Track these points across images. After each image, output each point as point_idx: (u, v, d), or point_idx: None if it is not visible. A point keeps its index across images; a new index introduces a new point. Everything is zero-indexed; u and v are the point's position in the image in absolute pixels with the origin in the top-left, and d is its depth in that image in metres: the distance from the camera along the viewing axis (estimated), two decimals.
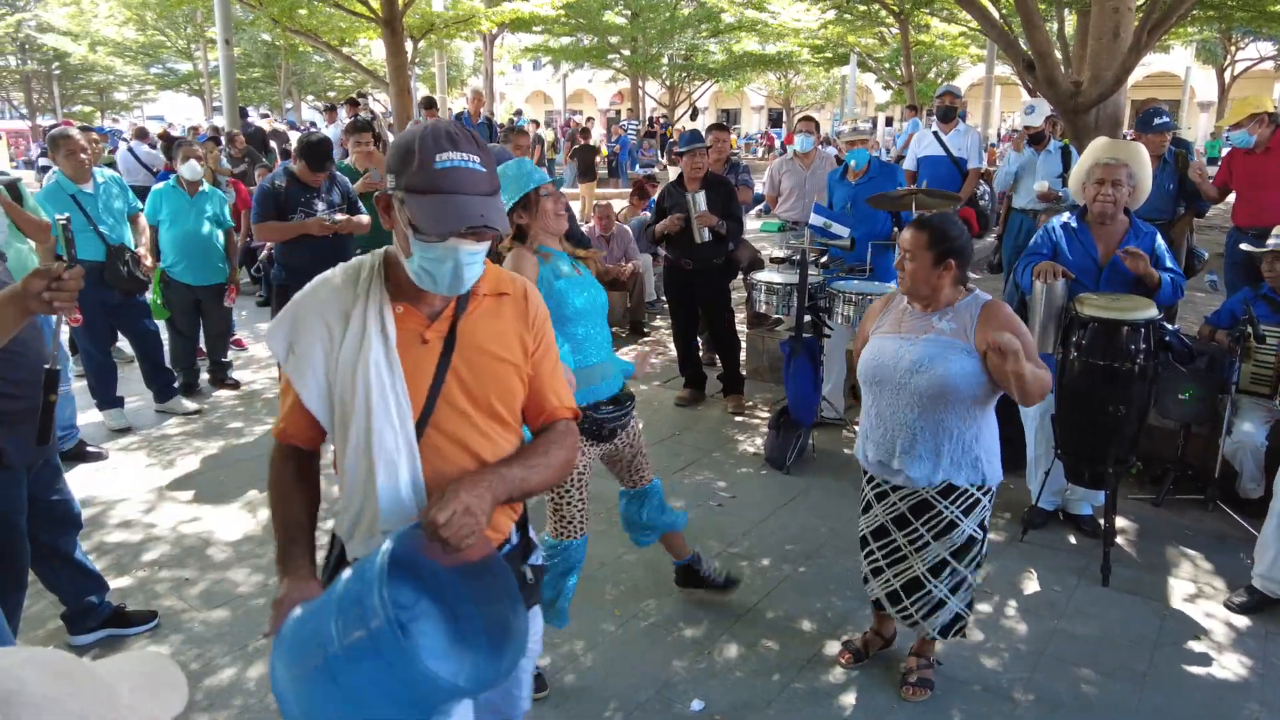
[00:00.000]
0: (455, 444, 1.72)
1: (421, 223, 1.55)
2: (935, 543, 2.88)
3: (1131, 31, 6.48)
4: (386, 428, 1.65)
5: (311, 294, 1.73)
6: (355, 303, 1.68)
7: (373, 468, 1.66)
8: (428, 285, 1.64)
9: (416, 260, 1.61)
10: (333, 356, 1.68)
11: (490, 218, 1.58)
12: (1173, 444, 4.76)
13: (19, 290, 2.15)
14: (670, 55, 28.87)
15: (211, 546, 4.11)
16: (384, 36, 13.23)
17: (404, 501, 1.68)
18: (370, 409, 1.64)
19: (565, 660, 3.28)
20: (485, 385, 1.74)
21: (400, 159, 1.58)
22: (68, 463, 4.96)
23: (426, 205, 1.55)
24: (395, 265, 1.71)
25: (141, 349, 5.72)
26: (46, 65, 35.51)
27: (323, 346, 1.68)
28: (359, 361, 1.65)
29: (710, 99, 43.07)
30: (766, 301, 5.26)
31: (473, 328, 1.73)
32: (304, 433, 1.80)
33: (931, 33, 21.78)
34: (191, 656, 3.28)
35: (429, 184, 1.55)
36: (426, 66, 27.31)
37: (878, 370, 2.86)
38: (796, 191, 6.93)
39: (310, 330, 1.69)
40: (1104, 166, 3.83)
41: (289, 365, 1.71)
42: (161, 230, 5.89)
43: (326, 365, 1.68)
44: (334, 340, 1.68)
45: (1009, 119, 36.59)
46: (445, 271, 1.61)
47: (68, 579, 3.26)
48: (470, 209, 1.56)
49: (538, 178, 3.02)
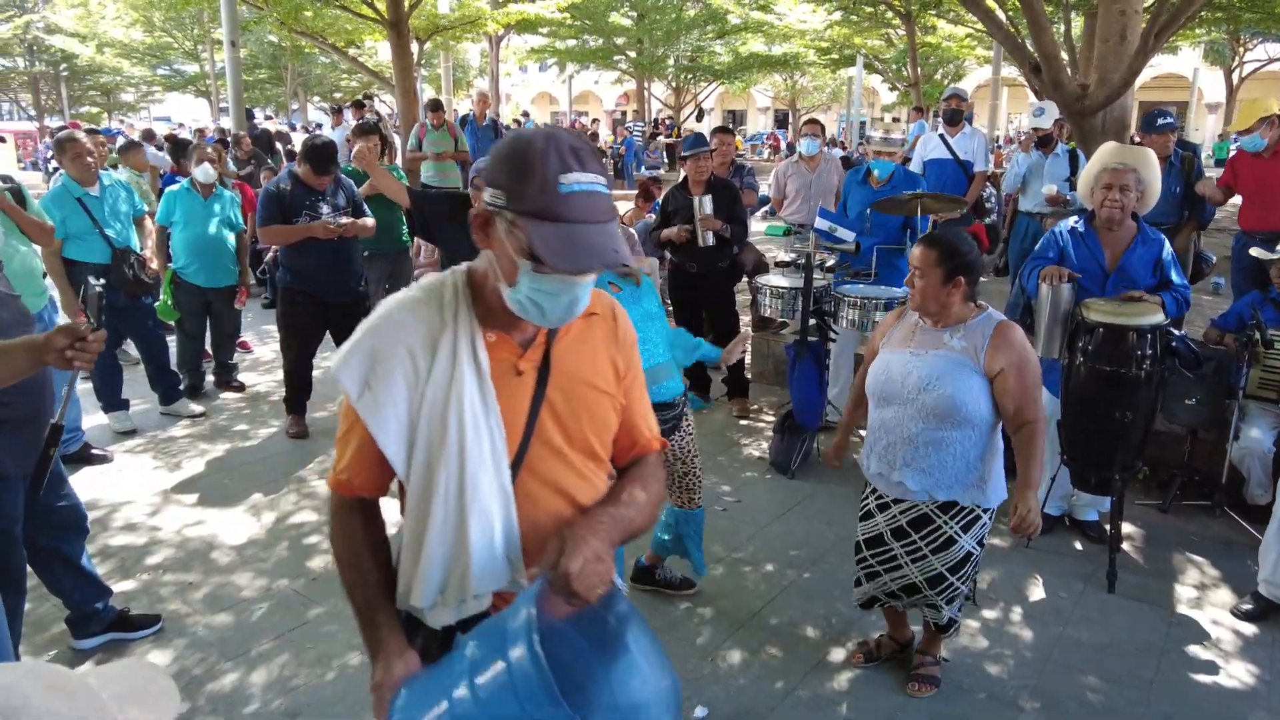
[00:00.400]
0: (550, 488, 1.54)
1: (547, 255, 1.32)
2: (933, 557, 2.87)
3: (1139, 34, 6.45)
4: (482, 473, 1.46)
5: (390, 319, 1.49)
6: (443, 330, 1.47)
7: (466, 521, 1.46)
8: (531, 316, 1.44)
9: (524, 290, 1.40)
10: (417, 391, 1.46)
11: (622, 252, 1.37)
12: (1180, 449, 4.74)
13: (40, 343, 2.25)
14: (676, 56, 28.87)
15: (215, 550, 4.11)
16: (390, 38, 13.25)
17: (498, 558, 1.49)
18: (464, 452, 1.45)
19: None
20: (581, 419, 1.56)
21: (513, 174, 1.35)
22: (73, 465, 4.99)
23: (552, 236, 1.33)
24: (484, 288, 1.50)
25: (147, 351, 5.74)
26: (54, 66, 35.64)
27: (405, 380, 1.46)
28: (450, 398, 1.45)
29: (716, 100, 43.05)
30: (771, 305, 5.25)
31: (565, 354, 1.55)
32: (372, 480, 1.57)
33: (938, 34, 21.73)
34: (195, 661, 3.28)
35: (554, 210, 1.33)
36: (433, 67, 27.35)
37: (886, 385, 2.86)
38: (802, 194, 6.93)
39: (391, 361, 1.46)
40: (1112, 171, 3.81)
41: (363, 401, 1.46)
42: (175, 232, 5.90)
43: (410, 402, 1.46)
44: (419, 373, 1.46)
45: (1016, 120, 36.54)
46: (559, 305, 1.42)
47: (72, 584, 3.26)
48: (603, 243, 1.35)
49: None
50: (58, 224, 5.10)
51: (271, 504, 4.60)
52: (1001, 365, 2.72)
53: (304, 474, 4.97)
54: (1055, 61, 6.52)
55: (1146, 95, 36.57)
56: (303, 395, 5.59)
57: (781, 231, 6.46)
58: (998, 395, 2.74)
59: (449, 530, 1.47)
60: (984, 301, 2.91)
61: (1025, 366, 2.74)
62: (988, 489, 2.83)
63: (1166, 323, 3.73)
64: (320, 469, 5.04)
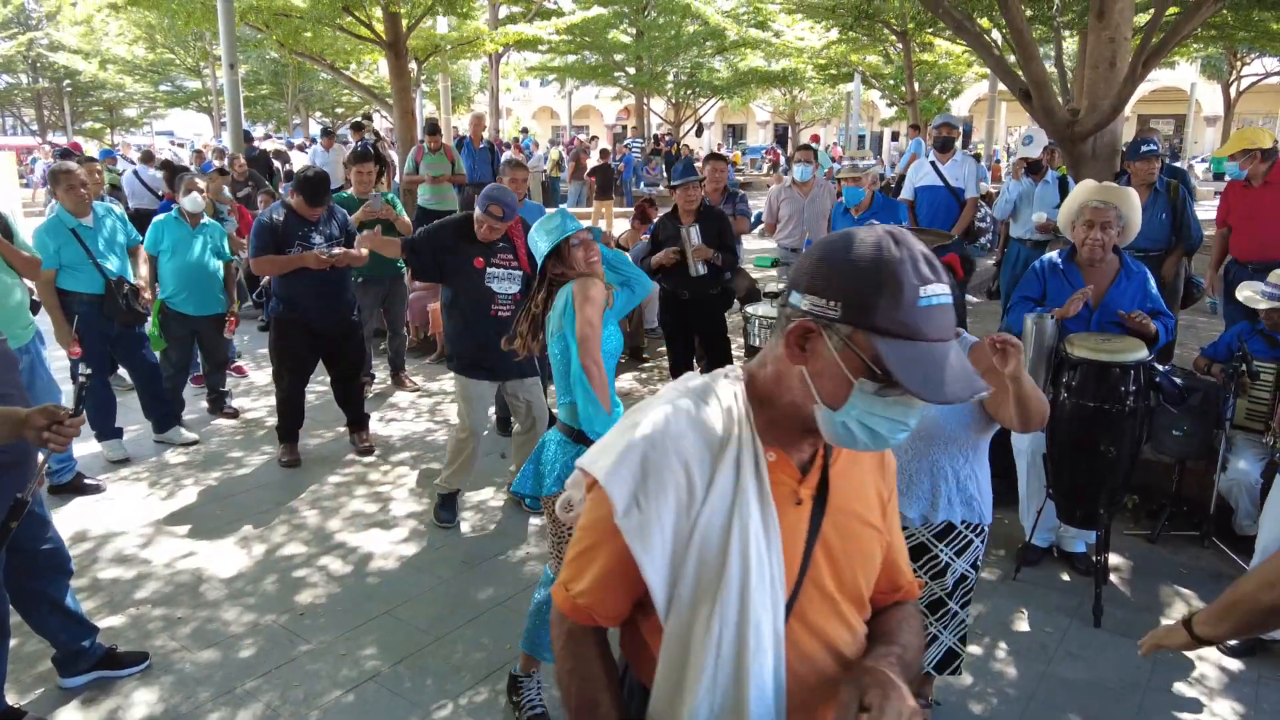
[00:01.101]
0: (818, 639, 1.36)
1: (909, 380, 1.15)
2: (932, 583, 2.89)
3: (1128, 60, 6.49)
4: (764, 618, 1.27)
5: (667, 428, 1.30)
6: (725, 445, 1.29)
7: (744, 674, 1.27)
8: (848, 442, 1.25)
9: (855, 414, 1.22)
10: (690, 514, 1.28)
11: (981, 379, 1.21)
12: (1168, 478, 4.75)
13: (20, 417, 2.33)
14: (675, 72, 28.99)
15: (204, 584, 4.13)
16: (388, 58, 13.34)
17: (770, 709, 1.30)
18: (747, 592, 1.26)
19: (555, 704, 3.27)
20: (853, 558, 1.39)
21: (862, 284, 1.18)
22: (65, 496, 5.01)
23: (913, 357, 1.16)
24: (772, 401, 1.32)
25: (141, 380, 5.76)
26: (57, 83, 35.85)
27: (678, 499, 1.27)
28: (731, 525, 1.26)
29: (716, 114, 43.20)
30: (761, 335, 5.27)
31: (839, 482, 1.38)
32: (615, 609, 1.37)
33: (935, 51, 21.84)
34: (181, 699, 3.29)
35: (915, 327, 1.17)
36: (433, 84, 27.48)
37: None
38: (795, 219, 6.98)
39: (665, 475, 1.27)
40: (1093, 209, 3.83)
41: (628, 520, 1.26)
42: (162, 261, 5.92)
43: (679, 526, 1.28)
44: (694, 492, 1.28)
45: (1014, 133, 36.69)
46: (896, 431, 1.23)
47: (57, 624, 3.27)
48: (966, 365, 1.20)
49: (570, 228, 3.12)
50: (51, 255, 5.13)
51: (261, 536, 4.61)
52: (981, 370, 2.71)
53: (295, 504, 4.99)
54: (1045, 88, 6.57)
55: (1145, 109, 36.70)
56: (295, 424, 5.61)
57: (769, 263, 6.48)
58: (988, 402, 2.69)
59: (723, 683, 1.27)
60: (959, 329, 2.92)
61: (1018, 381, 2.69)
62: (979, 507, 2.84)
63: (1150, 358, 3.75)
64: (311, 499, 5.06)
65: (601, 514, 1.30)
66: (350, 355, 5.70)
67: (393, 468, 5.55)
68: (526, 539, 4.60)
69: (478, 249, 4.55)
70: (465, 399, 4.65)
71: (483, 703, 3.28)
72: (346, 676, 3.42)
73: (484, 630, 3.75)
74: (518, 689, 3.23)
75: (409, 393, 7.06)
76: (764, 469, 1.30)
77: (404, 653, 3.58)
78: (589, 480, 1.35)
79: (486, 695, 3.32)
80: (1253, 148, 5.45)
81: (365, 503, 5.02)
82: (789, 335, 1.25)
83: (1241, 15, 13.21)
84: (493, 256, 4.58)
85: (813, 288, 1.22)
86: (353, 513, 4.89)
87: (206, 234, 6.04)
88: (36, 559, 3.13)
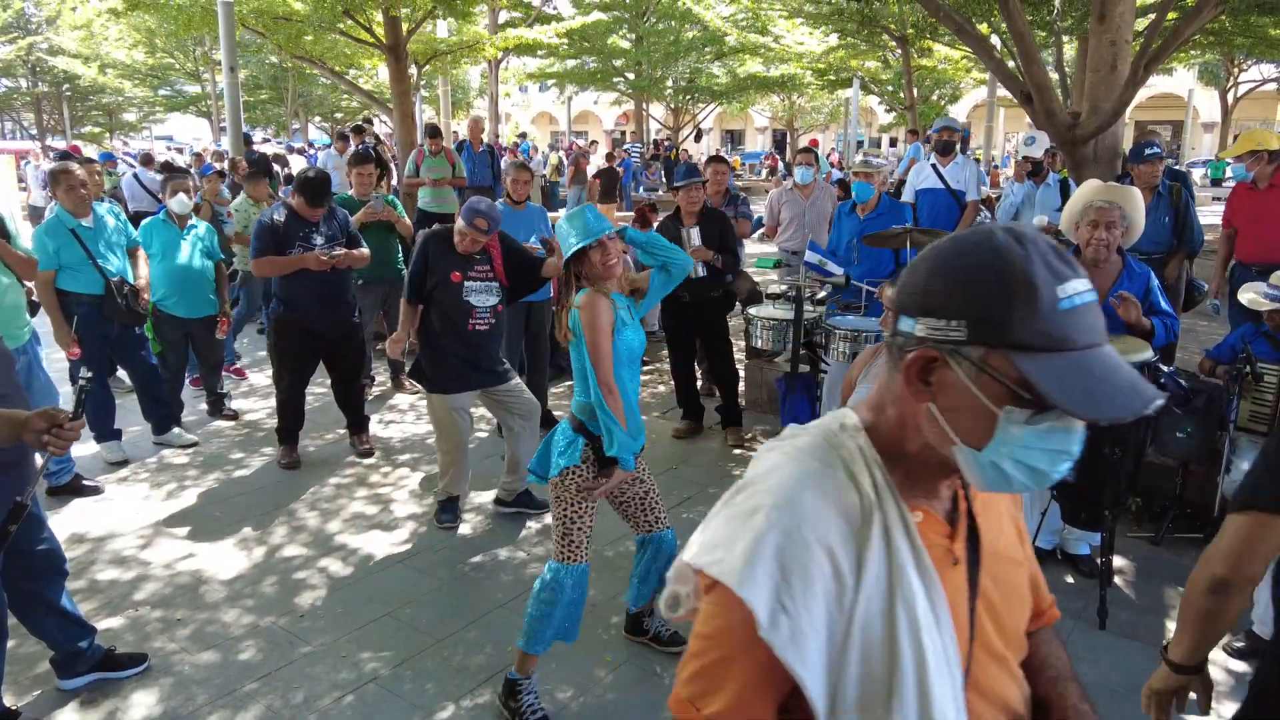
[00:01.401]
0: (996, 706, 1.19)
1: (1069, 399, 0.96)
2: None
3: (1129, 64, 6.50)
4: (947, 704, 1.07)
5: (798, 509, 1.07)
6: (867, 514, 1.08)
7: None
8: (995, 484, 1.05)
9: (1005, 451, 1.02)
10: (843, 604, 1.06)
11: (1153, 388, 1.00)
12: (1172, 480, 4.73)
13: (20, 420, 2.35)
14: (674, 78, 29.03)
15: (204, 585, 4.10)
16: (388, 63, 13.34)
17: None
18: (927, 689, 1.06)
19: (555, 707, 3.25)
20: (1012, 605, 1.22)
21: (985, 295, 1.00)
22: (63, 497, 4.99)
23: (1067, 372, 0.97)
24: (900, 448, 1.13)
25: (140, 381, 5.73)
26: (57, 87, 35.89)
27: (827, 593, 1.05)
28: (895, 608, 1.06)
29: (714, 120, 43.29)
30: (763, 337, 5.26)
31: (983, 523, 1.20)
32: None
33: (934, 57, 21.88)
34: (180, 701, 3.26)
35: (1060, 336, 0.98)
36: (433, 89, 27.50)
37: None
38: (796, 222, 6.98)
39: (808, 568, 1.05)
40: (1098, 209, 3.82)
41: (778, 630, 1.03)
42: (153, 264, 5.87)
43: (830, 622, 1.06)
44: (844, 580, 1.06)
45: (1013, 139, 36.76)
46: (1058, 465, 1.04)
47: (54, 626, 3.25)
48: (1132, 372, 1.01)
49: (598, 229, 3.06)
50: (51, 255, 5.12)
51: (261, 538, 4.59)
52: None
53: (294, 506, 4.96)
54: (1046, 91, 6.57)
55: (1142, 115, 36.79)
56: (295, 426, 5.59)
57: (771, 264, 6.48)
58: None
59: None
60: None
61: None
62: None
63: (1155, 359, 3.74)
64: (311, 501, 5.03)
65: (732, 622, 1.06)
66: (351, 357, 5.68)
67: (393, 469, 5.52)
68: (527, 541, 4.58)
69: (454, 263, 4.49)
70: (444, 414, 4.57)
71: (484, 704, 3.26)
72: (347, 679, 3.40)
73: (485, 632, 3.73)
74: (515, 694, 3.15)
75: (409, 395, 7.04)
76: (915, 534, 1.10)
77: (405, 655, 3.56)
78: (706, 581, 1.11)
79: (488, 697, 3.30)
80: (1260, 149, 5.45)
81: (366, 504, 5.00)
82: (908, 369, 1.06)
83: (1240, 21, 13.24)
84: (469, 269, 4.52)
85: (927, 308, 1.03)
86: (353, 514, 4.87)
87: (196, 234, 6.01)
88: (32, 560, 3.11)
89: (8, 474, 2.73)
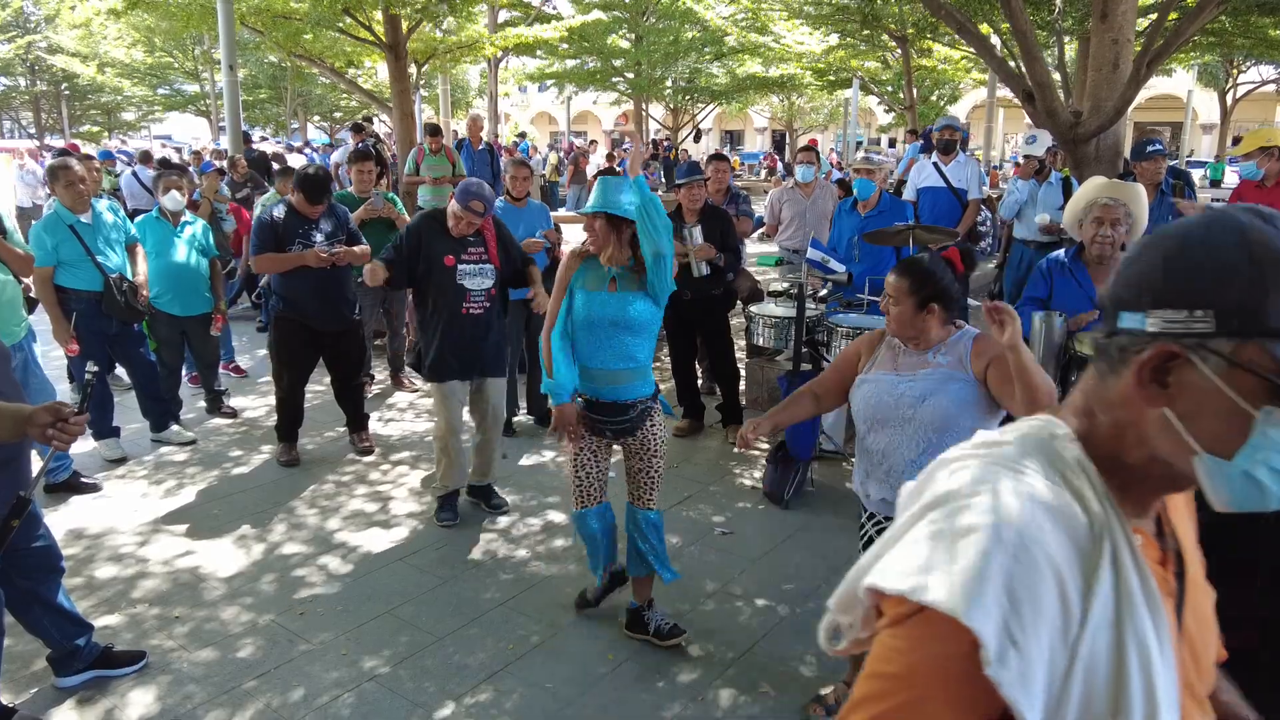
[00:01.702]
0: None
1: None
2: None
3: (1131, 63, 6.49)
4: None
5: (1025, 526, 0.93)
6: (1099, 538, 0.96)
7: None
8: (1246, 500, 0.93)
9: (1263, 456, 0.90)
10: (1067, 638, 0.93)
11: None
12: None
13: (25, 415, 2.36)
14: (674, 78, 29.02)
15: (202, 583, 4.08)
16: (388, 61, 13.33)
17: None
18: None
19: (558, 704, 3.23)
20: (1207, 639, 1.10)
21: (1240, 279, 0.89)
22: (61, 495, 4.96)
23: None
24: (1117, 463, 1.00)
25: (138, 378, 5.71)
26: (55, 86, 35.85)
27: (1053, 623, 0.92)
28: (1125, 646, 0.94)
29: (714, 120, 43.29)
30: (765, 334, 5.24)
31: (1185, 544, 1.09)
32: None
33: (934, 57, 21.88)
34: (178, 699, 3.23)
35: None
36: (432, 88, 27.49)
37: (878, 409, 2.83)
38: (797, 221, 6.96)
39: (1041, 597, 0.92)
40: (1103, 206, 3.81)
41: (1006, 666, 0.89)
42: (147, 262, 5.85)
43: (1053, 655, 0.92)
44: (1071, 610, 0.93)
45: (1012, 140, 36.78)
46: None
47: (50, 624, 3.22)
48: None
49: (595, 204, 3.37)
50: (49, 251, 5.09)
51: (260, 535, 4.56)
52: (988, 360, 2.70)
53: (294, 504, 4.94)
54: (1048, 90, 6.56)
55: (1141, 116, 36.84)
56: (294, 423, 5.56)
57: (774, 262, 6.46)
58: (996, 389, 2.67)
59: None
60: (960, 321, 2.89)
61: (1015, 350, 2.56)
62: None
63: None
64: (311, 498, 5.01)
65: (937, 655, 0.92)
66: (351, 355, 5.66)
67: (393, 467, 5.50)
68: (528, 540, 4.55)
69: (447, 246, 4.50)
70: (439, 401, 4.66)
71: (484, 702, 3.24)
72: (346, 676, 3.38)
73: (486, 630, 3.70)
74: (641, 621, 3.60)
75: (408, 393, 7.02)
76: (1143, 560, 0.97)
77: (405, 653, 3.53)
78: (901, 609, 0.94)
79: (488, 695, 3.27)
80: (1270, 145, 5.43)
81: (365, 502, 4.98)
82: (1141, 370, 0.93)
83: (1240, 21, 13.25)
84: (463, 252, 4.53)
85: (1162, 299, 0.92)
86: (352, 512, 4.85)
87: (190, 231, 5.98)
88: (28, 558, 3.09)
89: (5, 470, 2.71)
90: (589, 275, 3.43)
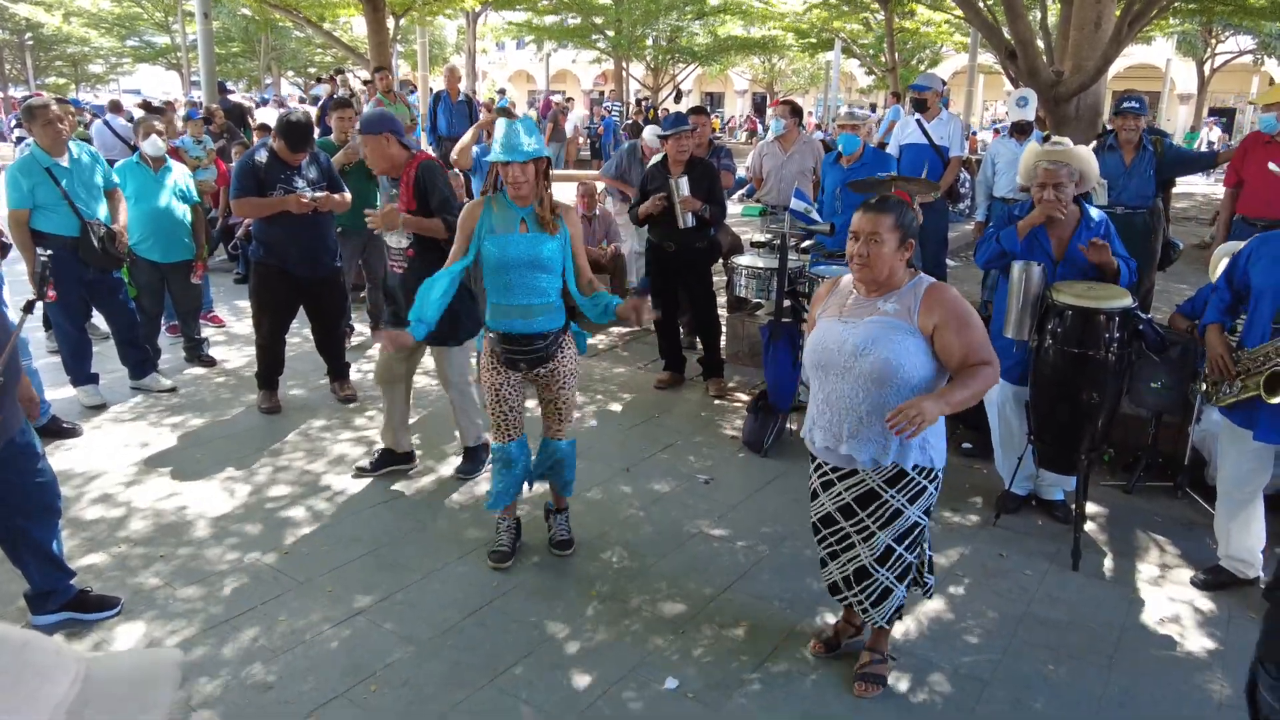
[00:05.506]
0: None
1: None
2: (880, 532, 2.89)
3: (1113, 22, 6.53)
4: None
5: None
6: None
7: None
8: None
9: None
10: None
11: None
12: (1144, 432, 4.83)
13: None
14: (654, 37, 28.68)
15: (188, 524, 4.09)
16: (365, 13, 13.09)
17: None
18: None
19: (544, 640, 3.30)
20: None
21: None
22: (42, 439, 4.91)
23: None
24: None
25: (117, 326, 5.66)
26: (18, 35, 34.80)
27: None
28: None
29: (694, 82, 42.83)
30: (746, 286, 5.28)
31: None
32: None
33: (916, 19, 21.78)
34: (164, 633, 3.27)
35: None
36: (409, 43, 27.00)
37: (822, 355, 2.85)
38: (774, 175, 6.95)
39: None
40: (1045, 170, 3.92)
41: None
42: (127, 207, 5.78)
43: None
44: None
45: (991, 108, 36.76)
46: None
47: (36, 565, 3.23)
48: None
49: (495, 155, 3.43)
50: (25, 194, 5.01)
51: (245, 478, 4.58)
52: (935, 321, 2.72)
53: (277, 449, 4.95)
54: (1030, 48, 6.59)
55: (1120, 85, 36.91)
56: (275, 371, 5.54)
57: (758, 212, 6.47)
58: (941, 352, 2.74)
59: None
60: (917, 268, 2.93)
61: (965, 321, 2.73)
62: (932, 451, 2.84)
63: (1134, 306, 3.81)
64: (293, 444, 5.02)
65: None
66: (332, 303, 5.63)
67: (377, 414, 5.51)
68: None
69: None
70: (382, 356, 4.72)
71: (471, 636, 3.30)
72: (334, 613, 3.42)
73: (472, 567, 3.76)
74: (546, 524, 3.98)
75: None
76: None
77: (391, 589, 3.58)
78: None
79: (474, 630, 3.33)
80: None
81: (349, 447, 5.00)
82: None
83: None
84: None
85: None
86: (336, 456, 4.87)
87: (170, 177, 5.90)
88: (26, 494, 3.09)
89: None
90: (495, 219, 3.51)
